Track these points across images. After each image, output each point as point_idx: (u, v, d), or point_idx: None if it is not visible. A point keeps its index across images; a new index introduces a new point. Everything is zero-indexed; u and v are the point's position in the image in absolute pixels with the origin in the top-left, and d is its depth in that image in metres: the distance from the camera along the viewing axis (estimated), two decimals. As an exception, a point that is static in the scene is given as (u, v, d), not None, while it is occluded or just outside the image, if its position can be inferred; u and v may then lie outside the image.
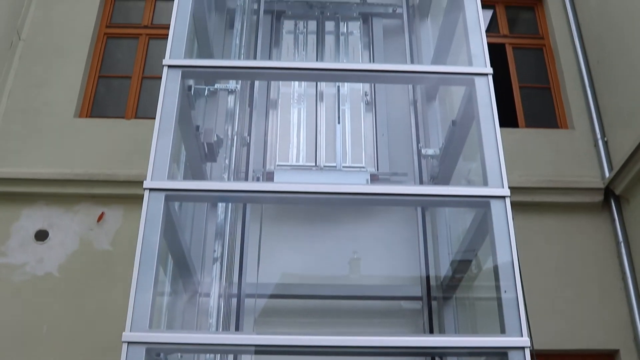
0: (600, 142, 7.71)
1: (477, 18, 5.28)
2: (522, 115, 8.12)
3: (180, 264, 5.06)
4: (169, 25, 5.14)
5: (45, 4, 8.54)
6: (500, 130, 4.66)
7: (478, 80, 4.93)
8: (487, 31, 8.34)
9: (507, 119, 7.78)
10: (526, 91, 8.33)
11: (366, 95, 6.59)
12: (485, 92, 4.88)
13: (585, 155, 7.73)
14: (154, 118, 4.54)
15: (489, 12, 8.79)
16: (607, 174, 7.45)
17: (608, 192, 7.39)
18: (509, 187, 4.35)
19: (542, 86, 8.44)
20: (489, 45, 5.29)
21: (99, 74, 8.29)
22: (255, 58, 6.52)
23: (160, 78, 4.83)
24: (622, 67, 7.44)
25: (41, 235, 7.07)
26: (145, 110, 7.90)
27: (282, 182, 5.67)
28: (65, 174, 7.27)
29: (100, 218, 7.14)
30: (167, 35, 5.08)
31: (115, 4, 8.83)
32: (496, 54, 8.27)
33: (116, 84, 8.39)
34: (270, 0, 7.03)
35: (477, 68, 5.01)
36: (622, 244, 7.13)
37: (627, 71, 7.34)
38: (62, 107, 7.79)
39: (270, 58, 6.74)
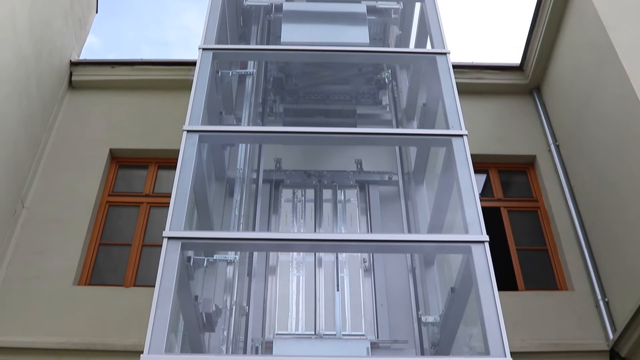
0: (601, 303, 7.64)
1: (470, 186, 5.44)
2: (521, 278, 8.10)
3: None
4: (170, 194, 5.28)
5: (49, 173, 8.77)
6: (500, 294, 4.67)
7: (475, 248, 5.01)
8: (481, 195, 8.64)
9: (506, 282, 7.77)
10: (524, 254, 8.37)
11: (365, 261, 6.64)
12: (483, 259, 4.94)
13: (587, 317, 7.64)
14: (153, 286, 4.56)
15: (483, 177, 9.02)
16: (610, 336, 7.33)
17: (613, 354, 7.24)
18: (511, 353, 4.30)
19: (539, 248, 8.49)
20: (484, 209, 5.41)
21: (100, 241, 8.35)
22: (254, 227, 6.61)
23: (160, 246, 4.89)
24: (618, 228, 7.53)
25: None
26: (144, 278, 7.89)
27: (281, 356, 5.59)
28: (62, 343, 7.15)
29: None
30: (168, 203, 5.21)
31: (118, 173, 9.06)
32: (491, 217, 8.39)
33: (116, 252, 8.44)
34: (269, 169, 7.24)
35: (473, 236, 5.11)
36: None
37: (622, 231, 7.41)
38: (61, 275, 7.78)
39: (269, 226, 6.86)
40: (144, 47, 29.32)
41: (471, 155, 5.72)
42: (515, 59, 9.96)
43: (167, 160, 8.81)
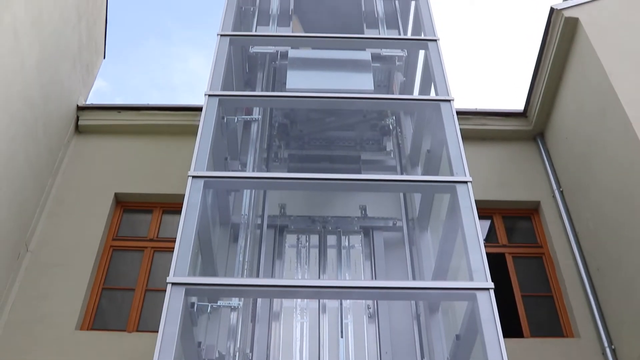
0: (608, 350, 7.57)
1: (475, 233, 5.43)
2: (527, 325, 8.04)
3: None
4: (174, 238, 5.29)
5: (54, 216, 8.80)
6: (505, 341, 4.65)
7: (480, 295, 4.99)
8: (486, 241, 8.61)
9: (512, 328, 7.72)
10: (529, 300, 8.33)
11: (369, 307, 6.60)
12: (488, 306, 4.92)
13: (593, 364, 7.58)
14: (156, 331, 4.55)
15: (487, 223, 9.02)
16: (618, 383, 7.27)
17: (620, 402, 7.17)
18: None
19: (544, 294, 8.45)
20: (489, 255, 5.40)
21: (103, 286, 8.34)
22: (258, 273, 6.60)
23: (164, 290, 4.89)
24: (623, 273, 7.49)
25: None
26: (147, 323, 7.86)
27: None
28: (62, 389, 7.12)
29: None
30: (173, 248, 5.22)
31: (123, 217, 9.08)
32: (496, 263, 8.37)
33: (119, 296, 8.43)
34: (274, 215, 7.25)
35: (478, 283, 5.09)
36: None
37: (628, 277, 7.38)
38: (64, 320, 7.75)
39: (273, 272, 6.84)
40: (150, 91, 29.65)
41: (475, 201, 5.72)
42: (519, 105, 10.04)
43: (171, 205, 8.84)
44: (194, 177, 5.77)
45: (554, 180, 9.20)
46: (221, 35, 7.29)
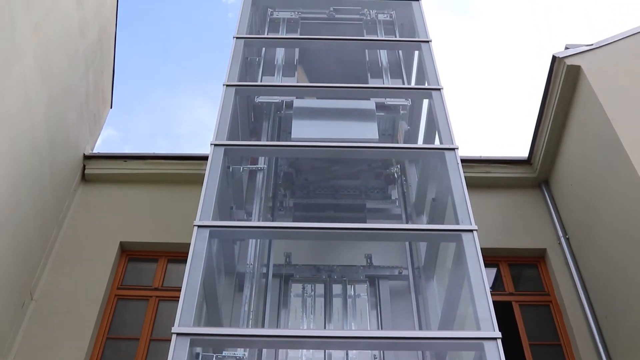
0: (617, 399, 7.49)
1: (481, 281, 5.41)
2: (535, 375, 7.96)
3: None
4: (180, 288, 5.28)
5: (59, 265, 8.79)
6: (515, 390, 4.59)
7: (487, 345, 4.96)
8: (492, 289, 8.58)
9: (520, 378, 7.64)
10: (537, 349, 8.23)
11: (375, 357, 6.54)
12: (496, 356, 4.89)
13: (603, 414, 7.46)
14: (161, 381, 4.50)
15: (493, 271, 8.98)
16: None
17: None
18: None
19: (552, 343, 8.36)
20: (495, 303, 5.37)
21: (107, 335, 8.29)
22: (264, 323, 6.56)
23: (169, 340, 4.86)
24: (632, 320, 7.43)
25: None
26: (151, 374, 7.80)
27: None
28: None
29: None
30: (178, 297, 5.19)
31: (128, 266, 9.07)
32: (503, 311, 8.31)
33: (123, 346, 8.36)
34: (279, 264, 7.24)
35: (485, 332, 5.05)
36: None
37: (637, 324, 7.31)
38: (68, 369, 7.70)
39: (278, 322, 6.80)
40: (157, 140, 29.87)
41: (481, 249, 5.72)
42: (523, 152, 10.08)
43: (177, 254, 8.83)
44: (199, 226, 5.78)
45: (560, 227, 9.18)
46: (227, 85, 7.37)
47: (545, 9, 28.52)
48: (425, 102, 7.95)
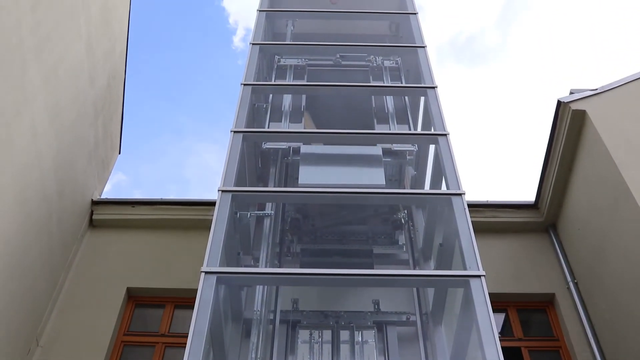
0: None
1: (490, 327, 5.37)
2: (546, 422, 7.85)
3: None
4: (186, 334, 5.26)
5: (66, 311, 8.79)
6: None
7: (497, 393, 4.90)
8: (501, 335, 8.50)
9: None
10: (547, 395, 8.16)
11: (384, 405, 6.47)
12: (506, 405, 4.81)
13: None
14: None
15: (502, 316, 8.92)
16: None
17: None
18: None
19: (563, 389, 8.27)
20: (504, 349, 5.32)
21: (114, 382, 8.24)
22: (271, 371, 6.51)
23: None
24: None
25: None
26: (157, 422, 7.73)
27: None
28: None
29: None
30: (184, 343, 5.17)
31: (135, 312, 9.04)
32: (513, 357, 8.24)
33: (130, 393, 8.31)
34: (286, 310, 7.20)
35: (494, 382, 4.99)
36: None
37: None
38: (73, 418, 7.64)
39: (285, 369, 6.74)
40: (167, 184, 30.02)
41: (489, 294, 5.68)
42: (530, 196, 10.10)
43: (183, 300, 8.82)
44: (206, 272, 5.77)
45: (568, 271, 9.15)
46: (234, 131, 7.43)
47: (550, 55, 28.81)
48: (432, 147, 7.99)
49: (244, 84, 8.24)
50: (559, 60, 29.33)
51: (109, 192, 10.47)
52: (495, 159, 28.43)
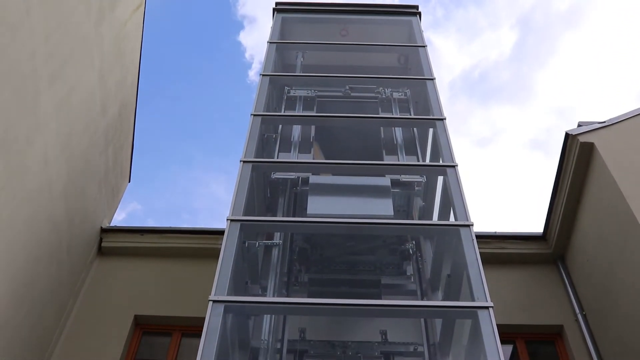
0: None
1: (498, 359, 5.37)
2: None
3: None
4: (194, 361, 5.27)
5: (73, 338, 8.80)
6: None
7: None
8: (510, 366, 8.45)
9: None
10: None
11: None
12: None
13: None
14: None
15: (510, 347, 8.87)
16: None
17: None
18: None
19: (571, 423, 8.20)
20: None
21: (120, 411, 8.22)
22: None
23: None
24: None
25: None
26: None
27: None
28: None
29: None
30: (191, 373, 5.18)
31: (142, 340, 9.04)
32: (521, 390, 8.19)
33: (136, 422, 8.29)
34: (293, 339, 7.20)
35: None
36: None
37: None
38: None
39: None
40: (174, 213, 30.12)
41: (497, 325, 5.68)
42: (538, 228, 10.11)
43: (191, 328, 8.82)
44: (214, 301, 5.80)
45: (576, 303, 9.11)
46: (244, 161, 7.50)
47: (558, 88, 28.93)
48: (440, 178, 8.03)
49: (254, 115, 8.32)
50: (568, 93, 29.45)
51: (123, 220, 10.59)
52: (504, 190, 28.44)
